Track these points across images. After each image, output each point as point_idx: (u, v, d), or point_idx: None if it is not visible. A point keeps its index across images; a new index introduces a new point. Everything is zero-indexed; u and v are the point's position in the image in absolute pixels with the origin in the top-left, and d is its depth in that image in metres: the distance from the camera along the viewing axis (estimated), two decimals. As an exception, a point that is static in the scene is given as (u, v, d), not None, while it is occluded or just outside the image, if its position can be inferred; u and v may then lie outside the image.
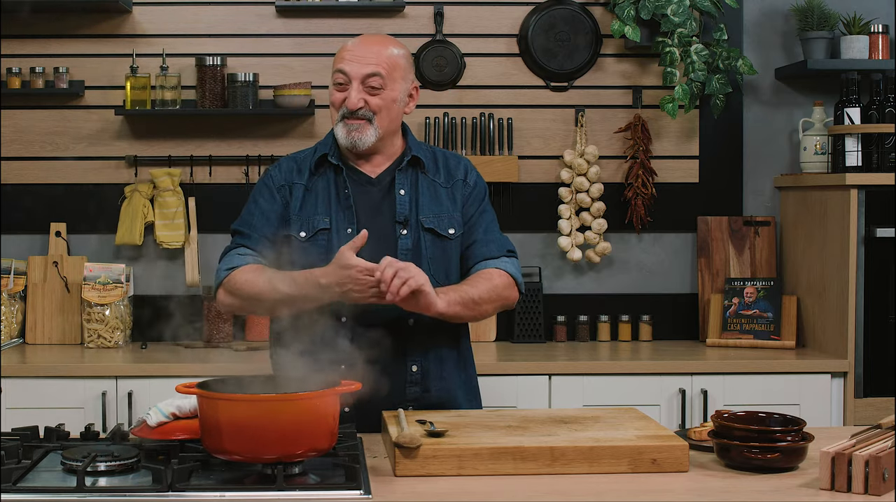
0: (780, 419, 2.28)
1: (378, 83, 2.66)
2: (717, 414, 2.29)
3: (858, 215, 3.79)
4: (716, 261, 4.29)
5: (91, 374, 3.69)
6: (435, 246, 2.71)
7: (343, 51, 2.69)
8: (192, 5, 4.25)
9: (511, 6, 4.29)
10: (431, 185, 2.75)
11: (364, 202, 2.71)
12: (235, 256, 2.71)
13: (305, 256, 2.66)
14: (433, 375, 2.70)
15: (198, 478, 2.06)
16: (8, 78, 4.15)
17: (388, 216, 2.71)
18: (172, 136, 4.25)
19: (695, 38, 4.15)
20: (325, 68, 4.26)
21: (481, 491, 2.04)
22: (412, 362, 2.68)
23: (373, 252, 2.59)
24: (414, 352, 2.68)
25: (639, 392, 3.74)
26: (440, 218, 2.72)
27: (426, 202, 2.73)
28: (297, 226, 2.70)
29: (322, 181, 2.74)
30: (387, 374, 2.52)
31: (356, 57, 2.67)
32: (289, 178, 2.76)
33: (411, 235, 2.69)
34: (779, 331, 4.10)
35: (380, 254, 2.58)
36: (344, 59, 2.68)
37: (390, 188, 2.73)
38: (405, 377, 2.67)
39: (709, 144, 4.34)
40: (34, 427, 2.36)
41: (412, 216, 2.71)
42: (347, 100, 2.66)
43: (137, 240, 4.16)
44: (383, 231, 2.68)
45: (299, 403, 2.05)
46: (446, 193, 2.76)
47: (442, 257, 2.71)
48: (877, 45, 4.15)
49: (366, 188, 2.73)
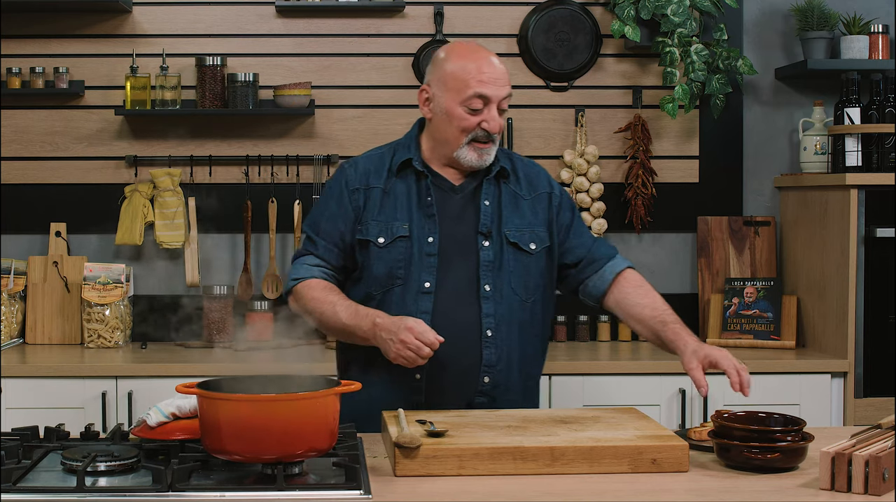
0: (780, 419, 2.28)
1: (506, 104, 2.66)
2: (717, 413, 2.29)
3: (858, 215, 3.79)
4: (716, 261, 4.29)
5: (91, 374, 3.69)
6: (517, 259, 2.69)
7: (477, 72, 2.62)
8: (192, 5, 4.25)
9: (511, 6, 4.29)
10: (514, 197, 2.73)
11: (446, 210, 2.67)
12: (303, 267, 2.71)
13: (383, 263, 2.66)
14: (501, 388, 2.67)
15: (198, 478, 2.06)
16: (8, 78, 4.15)
17: (471, 226, 2.68)
18: (172, 136, 4.25)
19: (695, 38, 4.15)
20: (325, 68, 4.26)
21: (481, 491, 2.04)
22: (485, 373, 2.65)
23: (453, 262, 2.63)
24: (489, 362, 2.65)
25: (639, 392, 3.74)
26: (522, 232, 2.70)
27: (508, 214, 2.70)
28: (374, 231, 2.67)
29: (401, 185, 2.70)
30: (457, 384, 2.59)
31: (493, 79, 2.62)
32: (364, 181, 2.72)
33: (493, 247, 2.67)
34: (779, 331, 4.10)
35: (460, 264, 2.62)
36: (483, 81, 2.61)
37: (473, 197, 2.70)
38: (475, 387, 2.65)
39: (709, 144, 4.34)
40: (34, 427, 2.36)
41: (494, 227, 2.68)
42: (488, 123, 2.63)
43: (137, 240, 4.16)
44: (465, 241, 2.67)
45: (299, 403, 2.05)
46: (528, 206, 2.74)
47: (522, 271, 2.69)
48: (877, 45, 4.16)
49: (448, 195, 2.70)
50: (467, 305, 2.64)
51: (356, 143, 4.27)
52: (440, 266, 2.64)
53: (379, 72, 4.28)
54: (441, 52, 2.72)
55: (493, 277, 2.66)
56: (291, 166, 4.24)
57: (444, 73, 2.66)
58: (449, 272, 2.65)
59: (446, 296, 2.64)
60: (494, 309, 2.65)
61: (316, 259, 2.71)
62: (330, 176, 4.22)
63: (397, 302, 2.64)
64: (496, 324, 2.65)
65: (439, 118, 2.67)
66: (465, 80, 2.62)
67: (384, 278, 2.66)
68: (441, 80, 2.66)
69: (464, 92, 2.62)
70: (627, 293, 2.75)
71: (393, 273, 2.65)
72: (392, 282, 2.65)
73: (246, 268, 4.21)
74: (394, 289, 2.65)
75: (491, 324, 2.64)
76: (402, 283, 2.64)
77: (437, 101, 2.67)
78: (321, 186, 4.21)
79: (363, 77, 4.28)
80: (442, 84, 2.66)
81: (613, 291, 2.77)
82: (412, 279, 2.64)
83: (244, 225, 4.21)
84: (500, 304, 2.65)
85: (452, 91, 2.64)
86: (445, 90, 2.65)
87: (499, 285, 2.66)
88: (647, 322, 2.69)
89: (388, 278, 2.65)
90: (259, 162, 4.24)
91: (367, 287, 2.69)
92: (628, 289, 2.75)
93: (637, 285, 2.77)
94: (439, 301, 2.63)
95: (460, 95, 2.62)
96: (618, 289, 2.77)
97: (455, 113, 2.64)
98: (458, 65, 2.65)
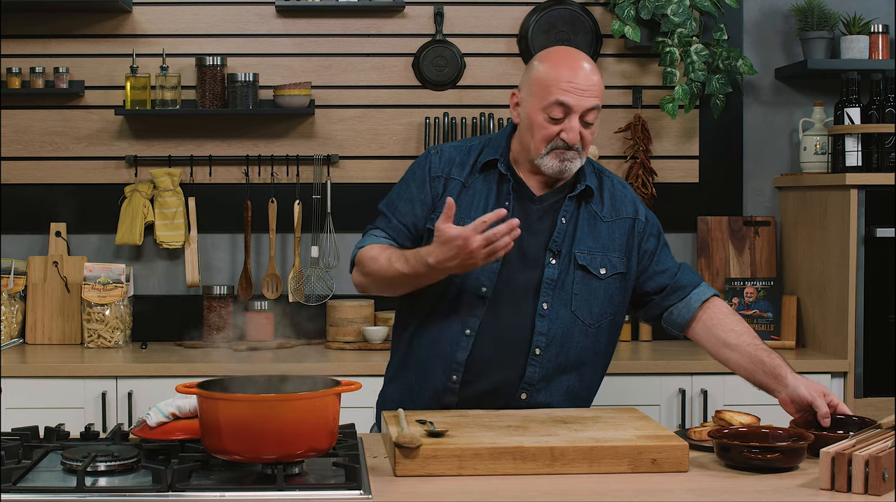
0: None
1: (593, 117, 2.55)
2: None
3: (858, 215, 3.79)
4: (716, 261, 4.29)
5: (91, 374, 3.69)
6: (583, 283, 2.60)
7: (561, 80, 2.52)
8: (192, 5, 4.25)
9: (511, 6, 4.29)
10: (592, 218, 2.64)
11: (521, 219, 2.54)
12: (371, 236, 2.65)
13: None
14: (540, 407, 2.60)
15: (198, 478, 2.06)
16: (8, 78, 4.15)
17: (542, 239, 2.60)
18: (172, 136, 4.25)
19: (695, 38, 4.15)
20: (325, 68, 4.26)
21: (481, 491, 2.04)
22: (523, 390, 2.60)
23: (516, 272, 2.57)
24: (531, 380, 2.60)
25: (639, 392, 3.74)
26: (594, 255, 2.62)
27: (583, 235, 2.62)
28: None
29: (482, 183, 2.64)
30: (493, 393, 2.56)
31: (578, 90, 2.51)
32: (447, 170, 2.65)
33: (560, 266, 2.59)
34: (779, 331, 4.10)
35: (523, 276, 2.56)
36: (565, 90, 2.51)
37: (552, 211, 2.62)
38: (511, 402, 2.59)
39: (709, 144, 4.34)
40: (34, 427, 2.36)
41: (565, 246, 2.61)
42: (568, 134, 2.52)
43: (137, 240, 4.16)
44: (533, 253, 2.59)
45: (299, 403, 2.05)
46: (607, 229, 2.64)
47: (588, 294, 2.61)
48: (877, 45, 4.15)
49: (526, 204, 2.62)
50: (521, 319, 2.58)
51: (356, 143, 4.27)
52: (501, 273, 2.57)
53: (379, 72, 4.28)
54: (536, 56, 2.64)
55: (552, 296, 2.58)
56: (291, 166, 4.24)
57: (531, 78, 2.58)
58: (510, 282, 2.59)
59: (501, 304, 2.58)
60: (548, 328, 2.58)
61: (384, 233, 2.65)
62: (330, 176, 4.22)
63: (452, 300, 2.59)
64: (547, 344, 2.58)
65: (524, 124, 2.59)
66: (548, 86, 2.53)
67: None
68: (528, 85, 2.58)
69: (546, 99, 2.53)
70: (720, 320, 2.65)
71: None
72: (451, 279, 2.58)
73: (246, 268, 4.21)
74: (450, 287, 2.59)
75: (542, 342, 2.57)
76: (460, 283, 2.58)
77: (523, 106, 2.59)
78: (321, 186, 4.21)
79: (363, 77, 4.28)
80: (528, 89, 2.58)
81: (702, 318, 2.67)
82: (470, 280, 2.58)
83: (244, 225, 4.21)
84: (554, 325, 2.58)
85: (536, 97, 2.54)
86: (530, 95, 2.57)
87: (557, 306, 2.59)
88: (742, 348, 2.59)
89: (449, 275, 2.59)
90: (259, 162, 4.24)
91: None
92: (720, 316, 2.65)
93: (728, 313, 2.66)
94: (492, 308, 2.58)
95: (542, 102, 2.53)
96: (707, 316, 2.66)
97: (536, 120, 2.55)
98: (544, 70, 2.55)
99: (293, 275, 4.20)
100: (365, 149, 4.28)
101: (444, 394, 2.59)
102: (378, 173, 4.25)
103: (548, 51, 2.66)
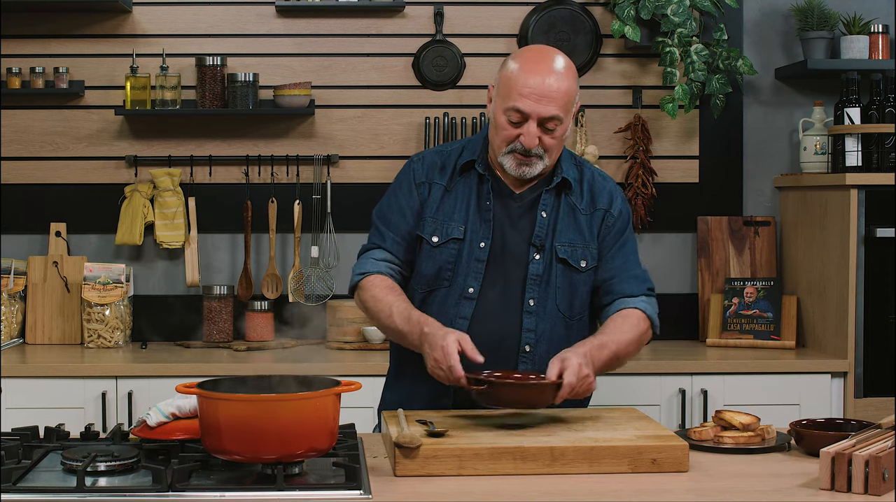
0: None
1: (554, 125, 2.51)
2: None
3: (858, 215, 3.79)
4: (716, 261, 4.29)
5: (91, 374, 3.69)
6: (565, 276, 2.61)
7: (521, 85, 2.49)
8: (192, 5, 4.25)
9: (511, 6, 4.29)
10: (571, 210, 2.64)
11: (503, 217, 2.59)
12: (370, 261, 2.66)
13: (433, 262, 2.62)
14: None
15: (198, 478, 2.06)
16: (8, 78, 4.15)
17: (524, 235, 2.61)
18: (172, 136, 4.25)
19: (695, 38, 4.15)
20: (325, 68, 4.26)
21: (481, 491, 2.04)
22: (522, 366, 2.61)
23: (501, 270, 2.57)
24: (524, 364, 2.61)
25: (639, 392, 3.74)
26: (574, 248, 2.62)
27: (563, 228, 2.62)
28: (430, 229, 2.63)
29: (463, 185, 2.64)
30: None
31: (535, 96, 2.48)
32: (430, 176, 2.66)
33: (543, 261, 2.60)
34: (779, 331, 4.10)
35: (509, 274, 2.57)
36: (523, 95, 2.48)
37: (532, 206, 2.63)
38: None
39: (709, 144, 4.34)
40: (34, 427, 2.36)
41: (547, 240, 2.61)
42: (524, 139, 2.51)
43: (137, 240, 4.16)
44: (517, 250, 2.60)
45: (299, 403, 2.05)
46: (585, 221, 2.65)
47: (569, 288, 2.62)
48: (877, 45, 4.15)
49: (507, 202, 2.63)
50: (509, 317, 2.59)
51: (356, 143, 4.27)
52: (487, 273, 2.59)
53: (379, 72, 4.28)
54: (514, 53, 2.61)
55: (539, 292, 2.60)
56: (291, 166, 4.24)
57: (500, 76, 2.56)
58: (496, 280, 2.60)
59: (489, 304, 2.59)
60: (536, 324, 2.59)
61: (383, 252, 2.66)
62: (330, 176, 4.22)
63: (439, 303, 2.61)
64: (536, 341, 2.59)
65: (491, 121, 2.60)
66: (510, 89, 2.51)
67: (431, 278, 2.63)
68: (498, 83, 2.57)
69: (506, 101, 2.51)
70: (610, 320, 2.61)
71: (441, 274, 2.61)
72: (438, 282, 2.62)
73: (246, 268, 4.21)
74: (438, 291, 2.62)
75: (531, 339, 2.59)
76: (448, 285, 2.61)
77: (493, 103, 2.59)
78: (321, 186, 4.21)
79: (363, 77, 4.28)
80: (497, 87, 2.57)
81: None
82: (457, 282, 2.60)
83: (244, 225, 4.21)
84: (542, 320, 2.60)
85: (500, 97, 2.54)
86: (497, 94, 2.56)
87: (543, 301, 2.60)
88: None
89: (435, 278, 2.62)
90: (259, 162, 4.24)
91: (413, 283, 2.66)
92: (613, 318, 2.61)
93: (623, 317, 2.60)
94: (481, 308, 2.59)
95: (504, 104, 2.52)
96: None
97: (499, 120, 2.54)
98: (512, 71, 2.53)
99: (293, 275, 4.20)
100: (365, 150, 4.28)
101: (439, 397, 2.61)
102: (378, 173, 4.25)
103: (524, 50, 2.65)
